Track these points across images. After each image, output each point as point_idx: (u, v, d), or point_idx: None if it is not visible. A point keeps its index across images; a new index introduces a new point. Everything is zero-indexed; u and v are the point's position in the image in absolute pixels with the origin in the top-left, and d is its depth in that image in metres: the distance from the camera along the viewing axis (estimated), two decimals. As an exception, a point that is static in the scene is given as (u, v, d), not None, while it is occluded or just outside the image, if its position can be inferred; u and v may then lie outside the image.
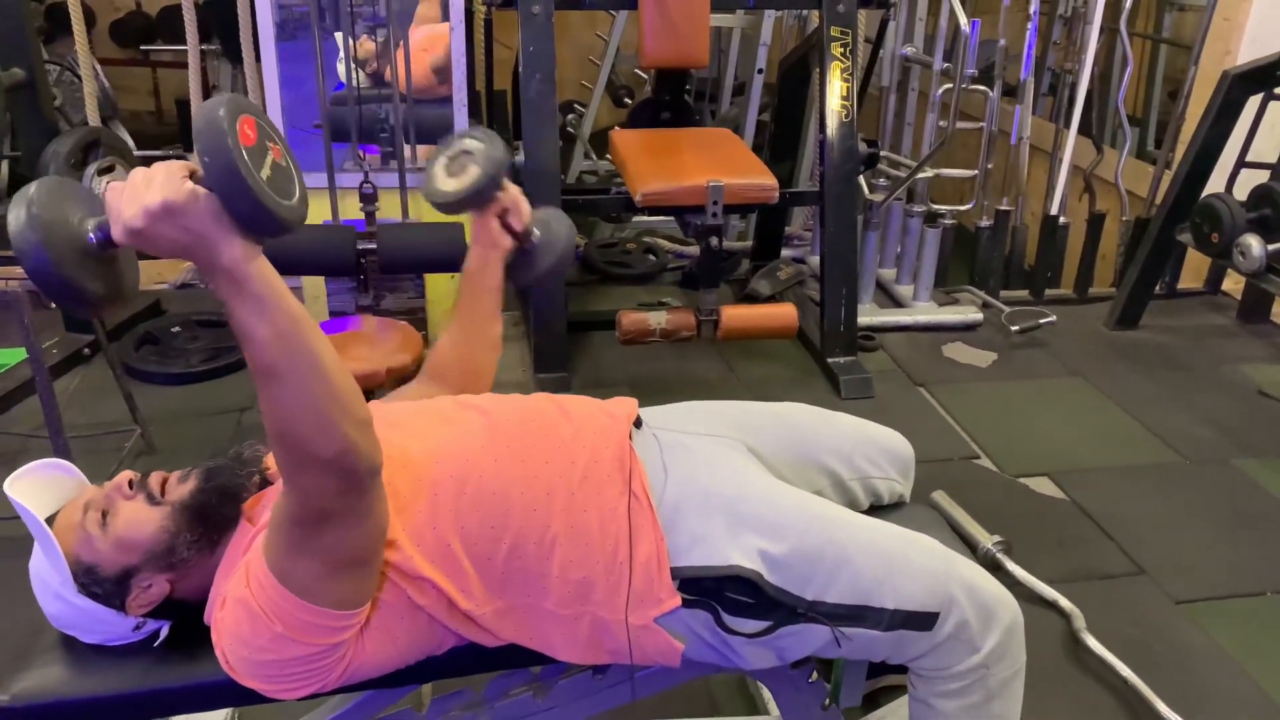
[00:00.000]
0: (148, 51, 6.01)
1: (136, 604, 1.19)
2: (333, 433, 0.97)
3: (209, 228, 0.91)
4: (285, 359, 0.95)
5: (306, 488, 1.01)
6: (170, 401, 2.80)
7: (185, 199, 0.90)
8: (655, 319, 2.80)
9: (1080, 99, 3.59)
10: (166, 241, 0.92)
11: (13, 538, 2.20)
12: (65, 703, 1.21)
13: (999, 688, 1.26)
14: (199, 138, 0.89)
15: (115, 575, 1.17)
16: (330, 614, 1.08)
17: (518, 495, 1.21)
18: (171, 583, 1.19)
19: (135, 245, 0.93)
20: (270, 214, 0.92)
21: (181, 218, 0.90)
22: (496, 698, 1.42)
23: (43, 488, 1.24)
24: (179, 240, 0.92)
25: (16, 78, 2.69)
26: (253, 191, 0.90)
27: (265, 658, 1.11)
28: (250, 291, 0.93)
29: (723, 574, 1.20)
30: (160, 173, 0.91)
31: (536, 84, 2.84)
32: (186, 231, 0.91)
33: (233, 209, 0.91)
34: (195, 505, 1.20)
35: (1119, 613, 2.09)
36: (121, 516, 1.18)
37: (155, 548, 1.17)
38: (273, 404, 0.96)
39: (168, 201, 0.90)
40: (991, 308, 3.52)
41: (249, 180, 0.90)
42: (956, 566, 1.26)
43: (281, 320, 0.94)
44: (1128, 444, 2.76)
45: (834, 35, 2.98)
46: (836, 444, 1.46)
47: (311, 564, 1.05)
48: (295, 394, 0.96)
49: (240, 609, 1.09)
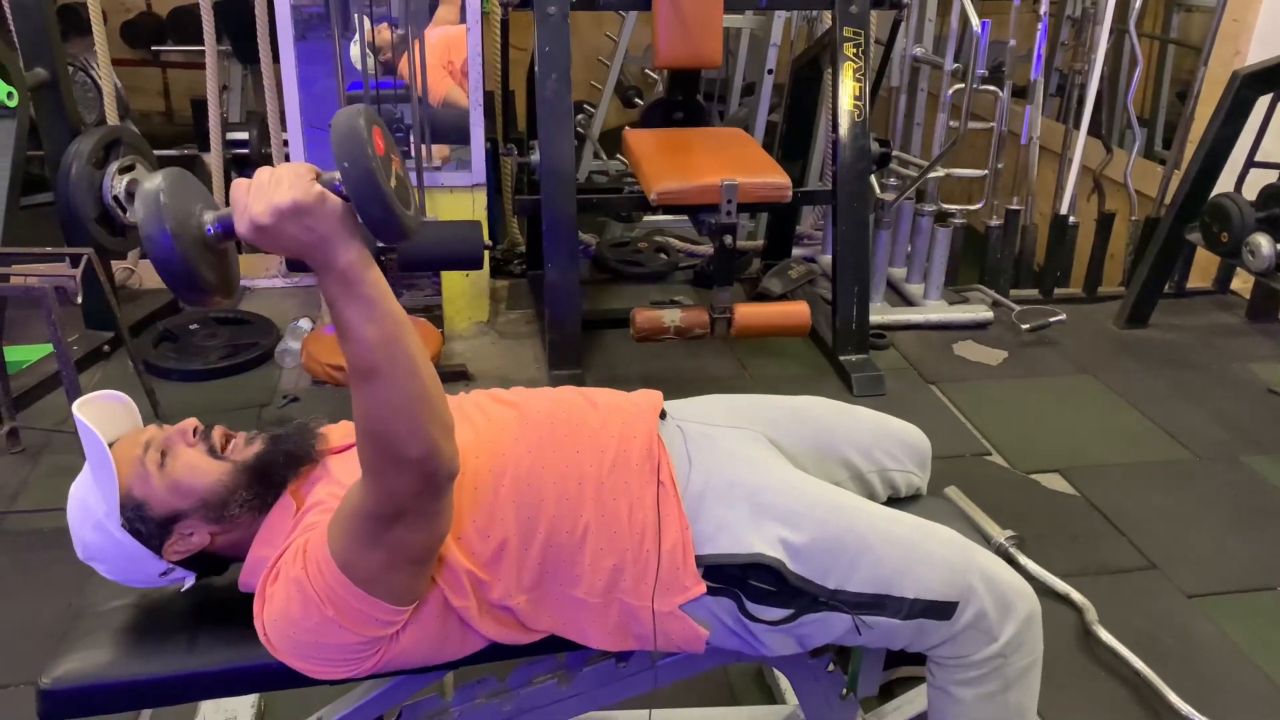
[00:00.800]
0: (158, 52, 6.05)
1: (174, 549, 1.20)
2: (422, 435, 1.00)
3: (332, 229, 0.95)
4: (387, 360, 0.98)
5: (389, 486, 1.03)
6: (190, 397, 2.83)
7: (315, 200, 0.94)
8: (669, 317, 2.82)
9: (1090, 99, 3.61)
10: (289, 239, 0.95)
11: (41, 530, 2.25)
12: (103, 686, 1.24)
13: (1016, 677, 1.28)
14: (339, 144, 0.93)
15: (162, 516, 1.18)
16: (382, 606, 1.11)
17: (551, 485, 1.24)
18: (213, 535, 1.21)
19: (257, 240, 0.96)
20: (397, 221, 0.96)
21: (308, 217, 0.94)
22: (521, 685, 1.44)
23: (106, 417, 1.24)
24: (301, 239, 0.95)
25: (40, 78, 2.72)
26: (385, 198, 0.94)
27: (309, 639, 1.13)
28: (361, 294, 0.97)
29: (746, 562, 1.23)
30: (289, 173, 0.94)
31: (552, 84, 2.86)
32: (310, 231, 0.95)
33: (366, 214, 0.95)
34: (259, 464, 1.22)
35: (1130, 606, 2.11)
36: (181, 460, 1.19)
37: (210, 498, 1.19)
38: (370, 402, 0.99)
39: (298, 201, 0.93)
40: (1002, 306, 3.54)
41: (383, 188, 0.93)
42: (975, 557, 1.29)
43: (388, 323, 0.98)
44: (1138, 441, 2.78)
45: (846, 36, 3.01)
46: (856, 437, 1.49)
47: (375, 557, 1.08)
48: (393, 395, 0.99)
49: (294, 588, 1.12)
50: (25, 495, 2.40)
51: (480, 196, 3.17)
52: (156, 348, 3.04)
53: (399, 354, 0.99)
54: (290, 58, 2.90)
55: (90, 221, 2.75)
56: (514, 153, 3.08)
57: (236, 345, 3.09)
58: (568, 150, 2.90)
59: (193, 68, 6.03)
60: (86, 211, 2.73)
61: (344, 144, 0.93)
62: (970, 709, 1.29)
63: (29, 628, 1.98)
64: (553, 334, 2.97)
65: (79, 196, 2.71)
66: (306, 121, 3.02)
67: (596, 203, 3.20)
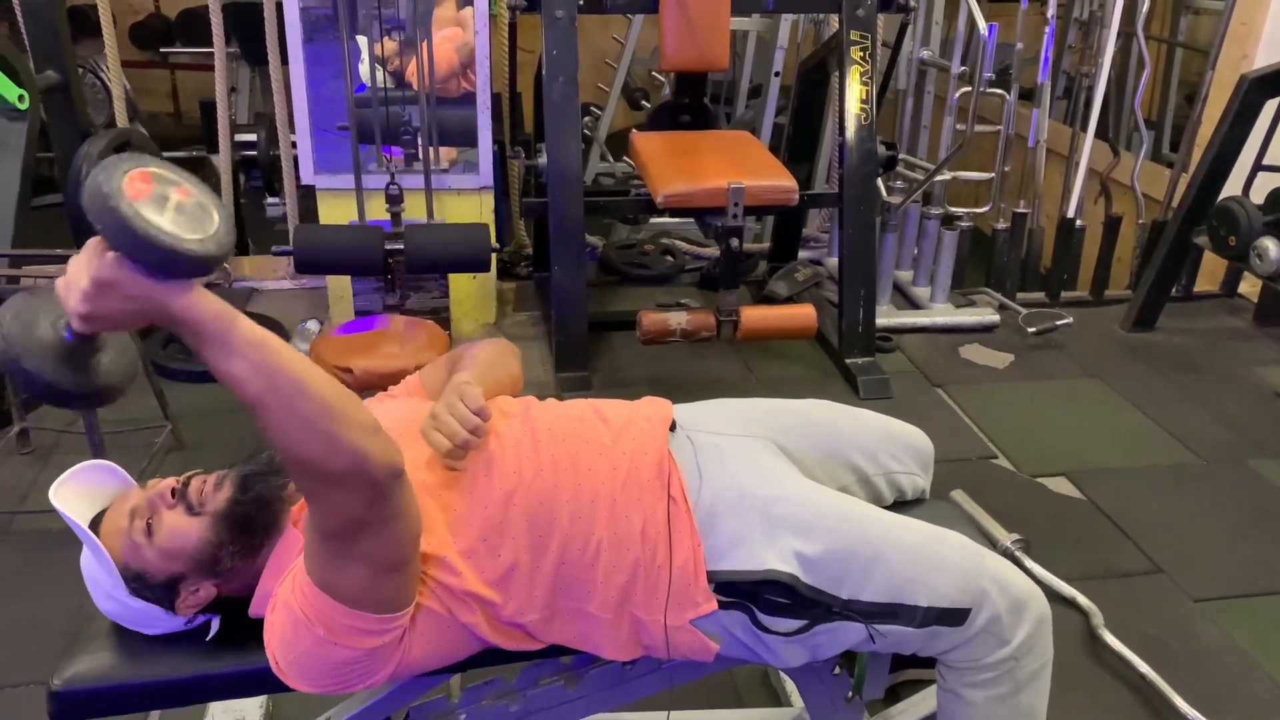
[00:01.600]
0: (166, 54, 6.07)
1: (185, 606, 1.22)
2: (339, 446, 0.97)
3: (145, 287, 0.92)
4: (267, 389, 0.95)
5: (334, 504, 1.02)
6: (197, 398, 2.84)
7: (109, 270, 0.91)
8: (675, 319, 2.83)
9: (1097, 102, 3.61)
10: (118, 314, 0.93)
11: (50, 530, 2.26)
12: (114, 688, 1.25)
13: (1027, 679, 1.29)
14: (88, 209, 0.89)
15: (163, 582, 1.20)
16: (371, 618, 1.10)
17: (565, 504, 1.24)
18: (218, 586, 1.22)
19: (96, 327, 0.94)
20: (182, 253, 0.91)
21: (117, 288, 0.91)
22: (527, 686, 1.45)
23: (87, 489, 1.27)
24: (127, 309, 0.93)
25: (51, 80, 2.74)
26: (152, 239, 0.89)
27: (310, 661, 1.14)
28: (209, 331, 0.94)
29: (759, 578, 1.23)
30: (83, 256, 0.92)
31: (560, 86, 2.87)
32: (128, 299, 0.92)
33: (142, 262, 0.91)
34: (235, 516, 1.21)
35: (1137, 610, 2.11)
36: (165, 527, 1.20)
37: (199, 557, 1.20)
38: (273, 433, 0.97)
39: (96, 278, 0.91)
40: (1008, 309, 3.54)
41: (145, 231, 0.89)
42: (986, 562, 1.29)
43: (250, 351, 0.95)
44: (1145, 444, 2.78)
45: (854, 39, 3.01)
46: (862, 440, 1.49)
47: (352, 573, 1.07)
48: (289, 418, 0.96)
49: (285, 614, 1.13)
50: (35, 496, 2.41)
51: (488, 199, 3.17)
52: (165, 348, 3.05)
53: (276, 379, 0.95)
54: (299, 59, 2.91)
55: (100, 223, 2.76)
56: (521, 155, 3.09)
57: (244, 346, 3.09)
58: (575, 153, 2.91)
59: (200, 69, 6.05)
60: (96, 213, 2.74)
61: (90, 204, 0.89)
62: (981, 711, 1.29)
63: (40, 627, 2.00)
64: (559, 336, 2.98)
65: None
66: (315, 124, 3.03)
67: (603, 205, 3.21)
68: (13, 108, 2.61)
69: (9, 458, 2.54)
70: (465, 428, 1.21)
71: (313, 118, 3.01)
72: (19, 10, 2.83)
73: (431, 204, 2.81)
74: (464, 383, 1.28)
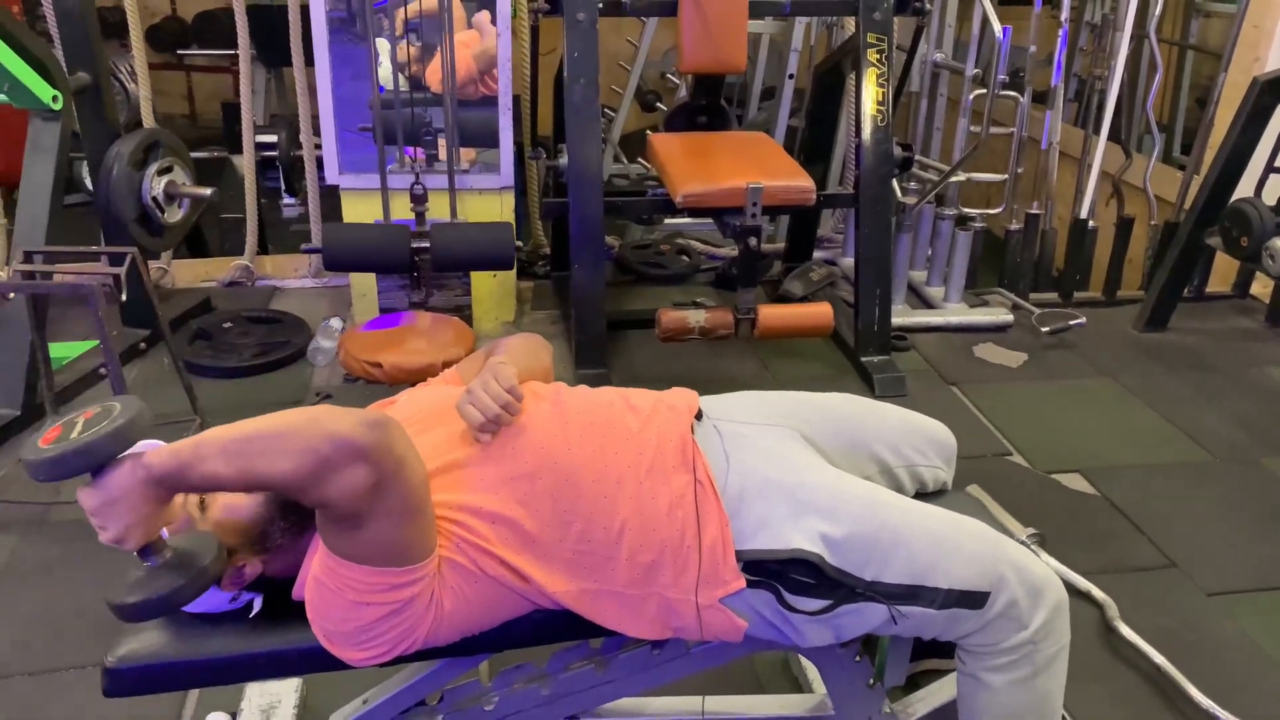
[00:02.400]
0: (183, 56, 6.14)
1: (231, 582, 1.27)
2: (309, 444, 1.05)
3: (115, 484, 1.04)
4: (248, 471, 1.06)
5: (343, 492, 1.06)
6: (224, 393, 2.89)
7: (87, 499, 1.06)
8: (694, 317, 2.87)
9: (1110, 105, 3.64)
10: (133, 516, 1.06)
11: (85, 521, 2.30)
12: (165, 665, 1.29)
13: (1045, 663, 1.32)
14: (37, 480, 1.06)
15: None
16: (393, 572, 1.15)
17: (589, 484, 1.29)
18: (265, 563, 1.28)
19: (139, 538, 1.08)
20: (95, 442, 1.04)
21: (109, 504, 1.05)
22: (558, 671, 1.49)
23: None
24: (132, 508, 1.05)
25: (83, 82, 2.79)
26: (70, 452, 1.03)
27: (348, 627, 1.19)
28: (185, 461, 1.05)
29: (786, 557, 1.27)
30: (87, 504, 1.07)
31: (580, 88, 2.92)
32: (121, 502, 1.05)
33: (90, 470, 1.05)
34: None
35: (1151, 604, 2.15)
36: (219, 502, 1.25)
37: (250, 532, 1.25)
38: (270, 482, 1.08)
39: (91, 510, 1.06)
40: (1021, 309, 3.58)
41: (61, 452, 1.03)
42: (1005, 548, 1.33)
43: (216, 460, 1.05)
44: (1158, 442, 2.81)
45: (870, 41, 3.05)
46: (884, 433, 1.53)
47: (369, 535, 1.12)
48: (283, 469, 1.05)
49: (315, 586, 1.19)
50: (69, 488, 2.46)
51: (508, 199, 3.22)
52: (191, 345, 3.10)
53: (254, 459, 1.05)
54: (325, 61, 2.96)
55: (130, 222, 2.81)
56: (542, 156, 3.13)
57: (269, 344, 3.15)
58: (595, 154, 2.95)
59: (216, 71, 6.12)
60: (126, 212, 2.79)
61: (31, 475, 1.05)
62: (1000, 694, 1.33)
63: (79, 615, 2.05)
64: (579, 334, 3.02)
65: (120, 197, 2.77)
66: (337, 124, 3.08)
67: (621, 205, 3.25)
68: (47, 108, 2.67)
69: (42, 451, 2.59)
70: (498, 403, 1.27)
71: (336, 119, 3.06)
72: (51, 13, 2.89)
73: (455, 204, 2.86)
74: (499, 363, 1.34)
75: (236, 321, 3.27)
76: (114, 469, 1.05)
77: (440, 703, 1.49)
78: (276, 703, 1.77)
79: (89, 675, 1.89)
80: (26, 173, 2.70)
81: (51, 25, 3.08)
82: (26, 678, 1.90)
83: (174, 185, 2.92)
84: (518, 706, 1.49)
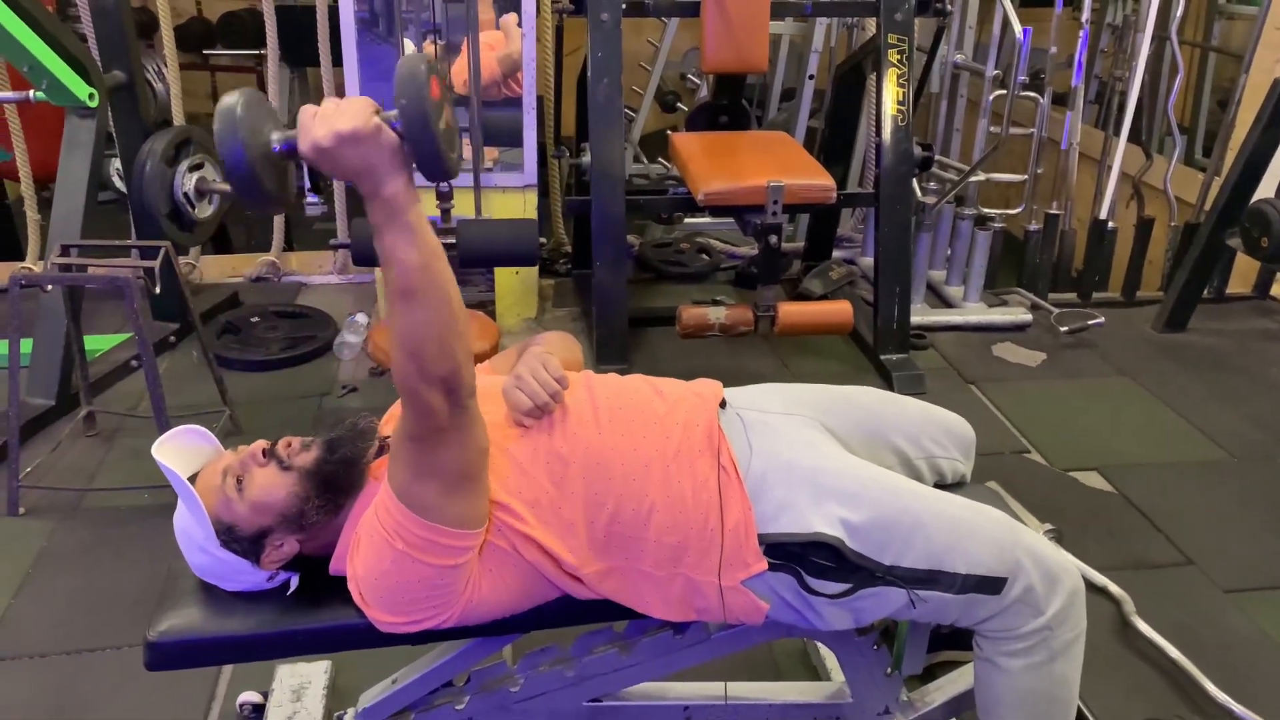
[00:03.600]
0: (208, 56, 6.22)
1: (269, 560, 1.32)
2: (449, 354, 1.11)
3: (383, 160, 1.04)
4: (424, 284, 1.08)
5: (421, 403, 1.13)
6: (252, 386, 2.94)
7: (371, 130, 1.03)
8: (714, 314, 2.90)
9: (1130, 106, 3.65)
10: (344, 163, 1.04)
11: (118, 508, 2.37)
12: (205, 640, 1.34)
13: (1062, 649, 1.35)
14: (400, 83, 1.03)
15: (251, 534, 1.30)
16: (445, 531, 1.20)
17: (619, 466, 1.32)
18: (301, 542, 1.32)
19: (316, 160, 1.05)
20: (443, 160, 1.06)
21: (363, 145, 1.03)
22: (582, 654, 1.52)
23: (183, 451, 1.38)
24: (354, 165, 1.04)
25: (118, 79, 2.85)
26: (435, 137, 1.04)
27: (390, 582, 1.23)
28: (403, 221, 1.06)
29: (807, 540, 1.31)
30: (352, 105, 1.04)
31: (604, 88, 2.96)
32: (363, 159, 1.03)
33: (416, 149, 1.05)
34: (322, 474, 1.31)
35: (1167, 600, 2.16)
36: (256, 483, 1.30)
37: (287, 511, 1.30)
38: (408, 323, 1.09)
39: (356, 129, 1.02)
40: (1040, 309, 3.59)
41: (433, 127, 1.04)
42: (1021, 535, 1.36)
43: (426, 250, 1.08)
44: (1176, 441, 2.82)
45: (891, 42, 3.08)
46: (904, 425, 1.56)
47: (430, 486, 1.18)
48: (428, 315, 1.09)
49: (368, 535, 1.23)
50: (102, 475, 2.53)
51: (531, 197, 3.26)
52: (220, 339, 3.16)
53: (434, 279, 1.08)
54: (353, 61, 3.01)
55: (162, 217, 2.86)
56: (565, 155, 3.17)
57: (296, 338, 3.20)
58: (618, 153, 2.99)
59: (241, 71, 6.18)
60: (159, 207, 2.84)
61: (404, 84, 1.03)
62: (1018, 679, 1.35)
63: (112, 598, 2.10)
64: (600, 330, 3.06)
65: (152, 193, 2.82)
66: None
67: (642, 204, 3.28)
68: (83, 106, 2.73)
69: (77, 440, 2.65)
70: (546, 391, 1.32)
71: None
72: (86, 11, 2.95)
73: (480, 201, 2.90)
74: (546, 353, 1.39)
75: (264, 316, 3.32)
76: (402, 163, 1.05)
77: (467, 684, 1.53)
78: (307, 683, 1.82)
79: (124, 655, 1.94)
80: (63, 168, 2.77)
81: (86, 25, 3.16)
82: (65, 656, 1.95)
83: (205, 181, 2.96)
84: (543, 688, 1.52)
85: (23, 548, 2.25)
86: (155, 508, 2.35)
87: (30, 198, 3.56)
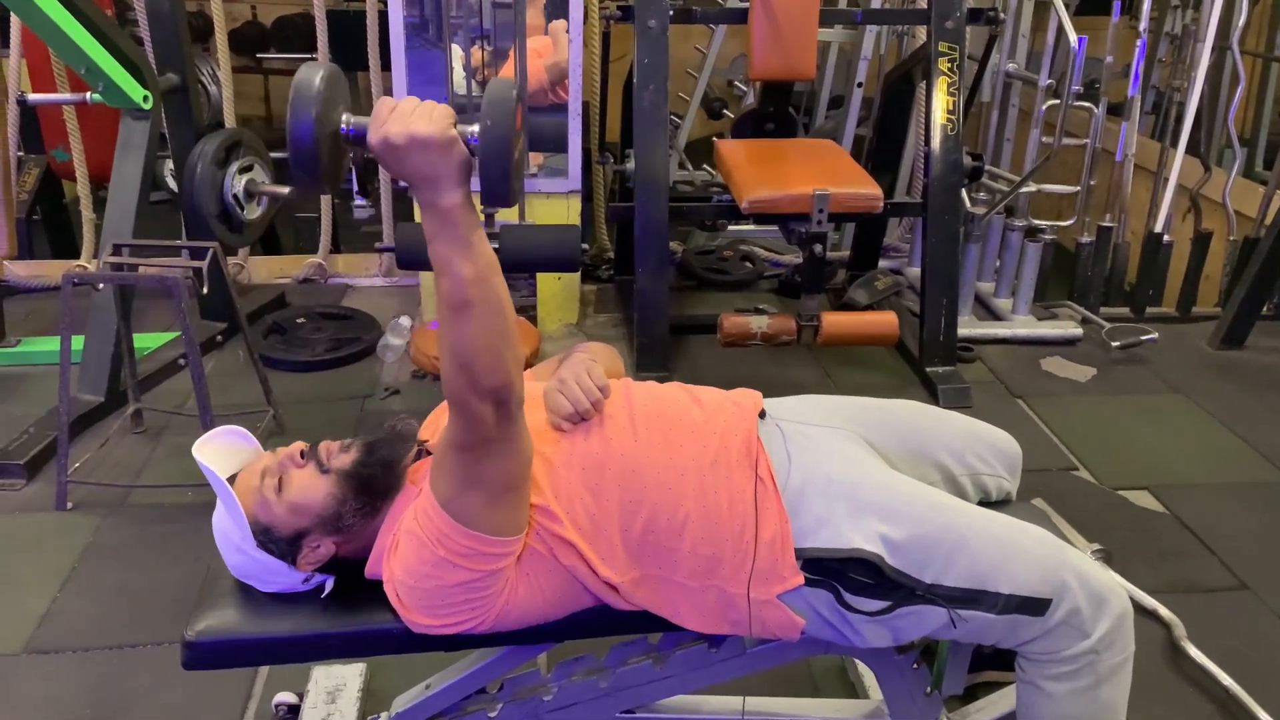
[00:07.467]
0: (261, 59, 6.32)
1: (306, 561, 1.32)
2: (501, 366, 1.10)
3: (450, 172, 1.04)
4: (479, 297, 1.07)
5: (472, 415, 1.13)
6: (297, 386, 2.97)
7: (446, 141, 1.03)
8: (756, 323, 2.87)
9: (1189, 118, 3.57)
10: (409, 165, 1.04)
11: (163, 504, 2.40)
12: (238, 641, 1.34)
13: (1108, 673, 1.31)
14: (490, 104, 1.04)
15: (289, 536, 1.30)
16: (487, 539, 1.19)
17: (654, 475, 1.31)
18: (337, 544, 1.32)
19: (383, 155, 1.04)
20: (508, 188, 1.06)
21: (434, 153, 1.03)
22: (616, 664, 1.51)
23: (224, 451, 1.39)
24: (419, 169, 1.04)
25: (172, 82, 2.90)
26: (508, 165, 1.05)
27: (429, 584, 1.23)
28: (458, 235, 1.06)
29: (845, 556, 1.28)
30: (432, 110, 1.04)
31: (650, 95, 2.95)
32: (431, 166, 1.03)
33: (487, 171, 1.05)
34: (360, 476, 1.31)
35: (1220, 625, 2.10)
36: (294, 484, 1.30)
37: (324, 513, 1.30)
38: (459, 334, 1.09)
39: (433, 135, 1.02)
40: (1091, 323, 3.51)
41: (509, 155, 1.04)
42: (1068, 555, 1.32)
43: (481, 264, 1.07)
44: (1231, 461, 2.74)
45: (941, 50, 3.04)
46: (948, 440, 1.52)
47: (474, 496, 1.18)
48: (482, 328, 1.08)
49: (408, 540, 1.23)
50: (148, 472, 2.56)
51: (575, 203, 3.26)
52: (266, 339, 3.20)
53: (489, 292, 1.08)
54: (401, 66, 3.04)
55: (211, 218, 2.90)
56: (609, 161, 3.17)
57: (340, 339, 3.23)
58: (663, 159, 2.98)
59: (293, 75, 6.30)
60: (209, 208, 2.88)
61: (494, 106, 1.04)
62: (1062, 704, 1.32)
63: (155, 594, 2.13)
64: (641, 336, 3.05)
65: (203, 194, 2.86)
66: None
67: (686, 210, 3.27)
68: (138, 108, 2.78)
69: (124, 436, 2.70)
70: (588, 398, 1.32)
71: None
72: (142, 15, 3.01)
73: (523, 206, 2.91)
74: (590, 360, 1.39)
75: (309, 317, 3.36)
76: (465, 178, 1.05)
77: (500, 691, 1.52)
78: (342, 685, 1.82)
79: (165, 651, 1.96)
80: (117, 169, 2.82)
81: (143, 28, 3.22)
82: (107, 651, 1.98)
83: (254, 183, 3.00)
84: (576, 698, 1.51)
85: (69, 542, 2.29)
86: (198, 505, 2.38)
87: (86, 197, 3.65)
